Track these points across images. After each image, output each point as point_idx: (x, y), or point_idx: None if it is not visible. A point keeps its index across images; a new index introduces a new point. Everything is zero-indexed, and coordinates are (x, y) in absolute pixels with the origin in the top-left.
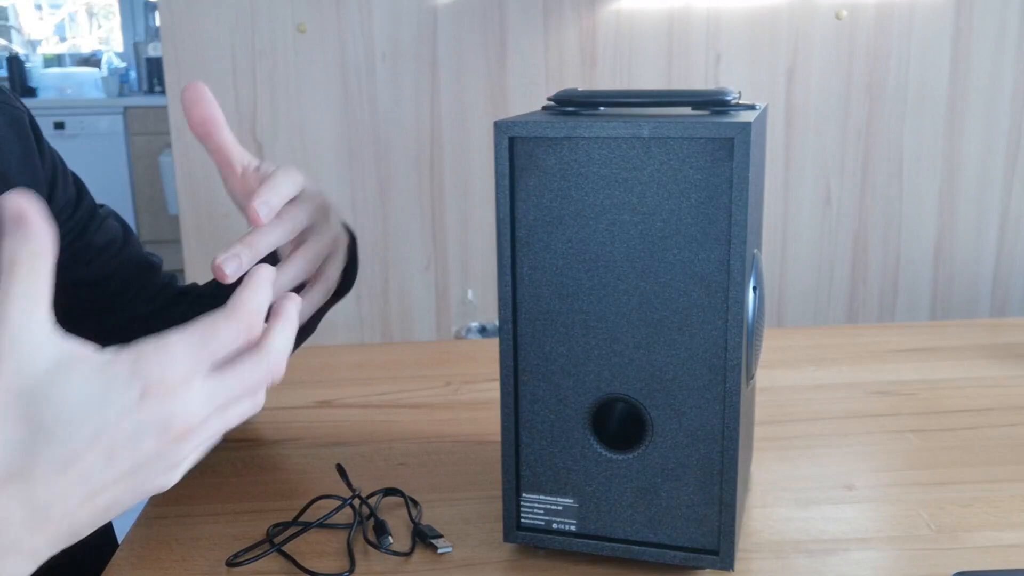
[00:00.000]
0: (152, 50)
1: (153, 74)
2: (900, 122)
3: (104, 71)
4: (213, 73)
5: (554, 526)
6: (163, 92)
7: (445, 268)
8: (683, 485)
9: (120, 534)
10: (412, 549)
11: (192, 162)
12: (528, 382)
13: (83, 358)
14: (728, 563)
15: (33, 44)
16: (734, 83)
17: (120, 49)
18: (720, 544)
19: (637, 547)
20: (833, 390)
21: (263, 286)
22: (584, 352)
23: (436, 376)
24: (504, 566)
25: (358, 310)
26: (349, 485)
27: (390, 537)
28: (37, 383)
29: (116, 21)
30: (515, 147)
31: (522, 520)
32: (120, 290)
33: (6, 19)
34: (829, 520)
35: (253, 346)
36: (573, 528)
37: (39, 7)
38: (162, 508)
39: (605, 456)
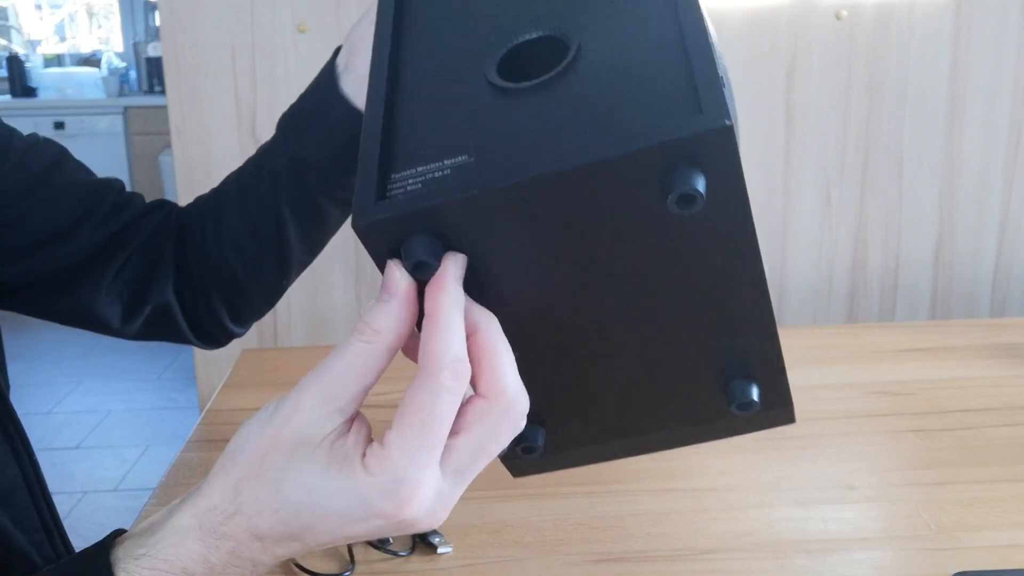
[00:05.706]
0: (152, 50)
1: (153, 74)
2: (900, 122)
3: (104, 71)
4: (213, 73)
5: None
6: (163, 92)
7: None
8: (629, 85)
9: None
10: (412, 549)
11: (192, 162)
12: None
13: (343, 470)
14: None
15: (33, 44)
16: (733, 83)
17: (120, 49)
18: (701, 100)
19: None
20: (833, 390)
21: (456, 324)
22: None
23: None
24: (504, 566)
25: (358, 310)
26: None
27: (390, 537)
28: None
29: (116, 21)
30: None
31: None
32: (66, 222)
33: (6, 19)
34: (829, 520)
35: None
36: None
37: (39, 7)
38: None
39: (510, 89)
